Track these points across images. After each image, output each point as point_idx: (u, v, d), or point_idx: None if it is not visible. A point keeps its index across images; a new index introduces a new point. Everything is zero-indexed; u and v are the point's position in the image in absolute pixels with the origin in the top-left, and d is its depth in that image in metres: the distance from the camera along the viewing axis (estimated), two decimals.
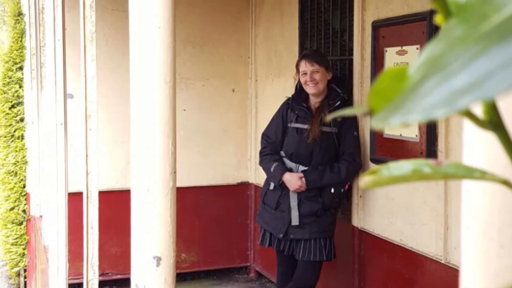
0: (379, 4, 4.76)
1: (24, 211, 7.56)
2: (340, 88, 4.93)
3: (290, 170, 4.94)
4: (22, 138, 7.45)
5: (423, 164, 0.52)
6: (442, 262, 4.24)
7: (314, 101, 4.95)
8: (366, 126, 4.91)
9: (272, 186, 5.03)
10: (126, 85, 2.14)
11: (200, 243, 7.15)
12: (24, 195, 7.52)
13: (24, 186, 7.51)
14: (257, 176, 7.00)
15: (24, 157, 7.46)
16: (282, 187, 4.95)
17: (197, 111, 7.00)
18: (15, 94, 7.39)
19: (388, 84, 0.46)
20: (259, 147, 5.32)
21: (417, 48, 4.29)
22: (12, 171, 7.44)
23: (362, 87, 5.00)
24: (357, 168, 4.92)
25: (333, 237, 5.00)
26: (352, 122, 4.90)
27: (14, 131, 7.42)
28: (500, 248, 0.78)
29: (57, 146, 4.58)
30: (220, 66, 7.08)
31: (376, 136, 4.78)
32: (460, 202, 0.83)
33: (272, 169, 4.97)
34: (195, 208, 7.06)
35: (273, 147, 5.07)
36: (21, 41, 7.42)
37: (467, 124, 0.80)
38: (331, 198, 4.88)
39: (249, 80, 7.18)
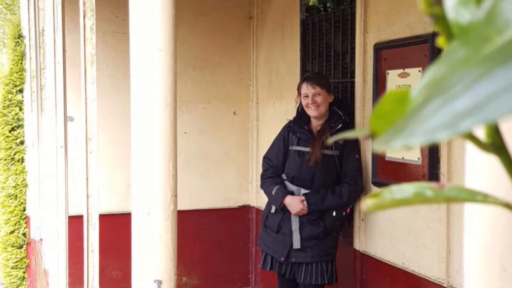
0: (381, 26, 4.77)
1: (24, 234, 7.54)
2: (341, 111, 4.93)
3: (292, 193, 4.93)
4: (22, 161, 7.45)
5: (425, 187, 0.52)
6: (445, 285, 4.21)
7: (316, 124, 4.94)
8: (368, 149, 4.90)
9: (273, 209, 5.02)
10: (127, 108, 2.14)
11: (201, 267, 7.12)
12: (24, 218, 7.51)
13: (24, 209, 7.50)
14: (259, 199, 6.99)
15: (24, 180, 7.45)
16: (283, 210, 4.93)
17: (198, 134, 7.00)
18: (15, 117, 7.40)
19: (390, 107, 0.45)
20: (260, 170, 5.31)
21: (419, 71, 4.29)
22: (12, 194, 7.43)
23: (364, 110, 5.00)
24: (359, 191, 4.91)
25: (335, 261, 4.98)
26: (354, 145, 4.89)
27: (14, 154, 7.42)
28: (503, 272, 0.77)
29: (57, 169, 4.58)
30: (221, 88, 7.08)
31: (378, 159, 4.77)
32: (462, 225, 0.83)
33: (273, 192, 4.96)
34: (196, 231, 7.04)
35: (275, 170, 5.07)
36: (21, 63, 7.43)
37: (470, 147, 0.80)
38: (333, 221, 4.87)
39: (250, 103, 7.19)
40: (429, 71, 0.44)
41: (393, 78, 4.57)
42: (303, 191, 4.91)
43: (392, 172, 4.67)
